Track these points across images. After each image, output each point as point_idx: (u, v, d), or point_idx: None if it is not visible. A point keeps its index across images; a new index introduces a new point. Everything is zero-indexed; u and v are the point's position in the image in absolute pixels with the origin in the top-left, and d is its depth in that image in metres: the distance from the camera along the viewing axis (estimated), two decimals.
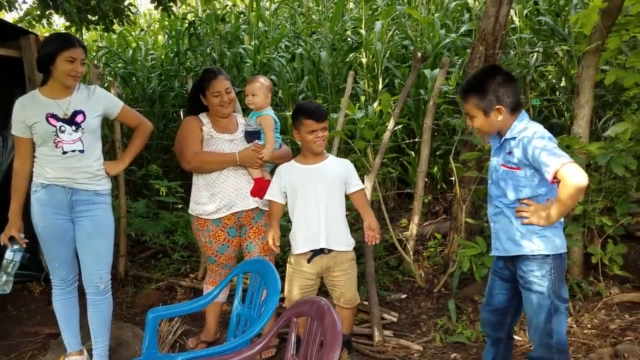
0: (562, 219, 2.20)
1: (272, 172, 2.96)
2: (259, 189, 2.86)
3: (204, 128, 2.88)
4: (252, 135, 2.91)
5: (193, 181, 2.95)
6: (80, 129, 2.60)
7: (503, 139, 2.21)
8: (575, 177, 1.96)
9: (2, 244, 2.62)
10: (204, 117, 2.93)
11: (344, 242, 2.74)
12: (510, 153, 2.17)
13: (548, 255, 2.14)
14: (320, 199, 2.67)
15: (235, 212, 2.87)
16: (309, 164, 2.73)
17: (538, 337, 2.21)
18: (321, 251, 2.68)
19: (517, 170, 2.16)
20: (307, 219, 2.69)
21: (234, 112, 3.04)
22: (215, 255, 2.94)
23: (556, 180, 2.02)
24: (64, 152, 2.57)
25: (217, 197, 2.84)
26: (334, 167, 2.75)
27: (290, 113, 5.09)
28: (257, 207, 2.91)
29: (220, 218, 2.86)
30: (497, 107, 2.15)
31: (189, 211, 2.98)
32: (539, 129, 2.12)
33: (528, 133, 2.12)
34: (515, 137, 2.15)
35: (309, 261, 2.69)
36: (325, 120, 2.69)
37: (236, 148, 2.88)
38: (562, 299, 2.18)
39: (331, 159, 2.79)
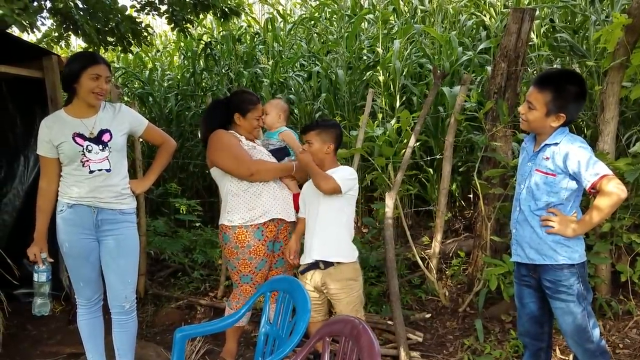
0: None
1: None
2: None
3: (242, 140, 2.88)
4: (279, 152, 2.95)
5: (232, 192, 2.82)
6: (107, 147, 2.58)
7: (544, 144, 2.22)
8: (619, 188, 2.04)
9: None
10: (235, 133, 2.92)
11: (335, 253, 2.68)
12: (547, 158, 2.19)
13: (573, 265, 2.17)
14: (318, 211, 2.72)
15: (278, 221, 2.86)
16: None
17: (579, 345, 2.22)
18: (316, 265, 2.69)
19: (553, 176, 2.18)
20: (307, 232, 2.77)
21: None
22: (253, 272, 2.85)
23: (594, 190, 2.07)
24: (91, 172, 2.56)
25: (261, 204, 2.81)
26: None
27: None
28: (294, 222, 2.95)
29: (262, 227, 2.80)
30: (560, 114, 2.16)
31: (228, 223, 2.82)
32: (581, 140, 2.17)
33: (571, 142, 2.15)
34: (557, 144, 2.17)
35: (302, 273, 2.75)
36: (308, 133, 2.73)
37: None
38: (590, 303, 2.23)
39: (334, 170, 2.74)
